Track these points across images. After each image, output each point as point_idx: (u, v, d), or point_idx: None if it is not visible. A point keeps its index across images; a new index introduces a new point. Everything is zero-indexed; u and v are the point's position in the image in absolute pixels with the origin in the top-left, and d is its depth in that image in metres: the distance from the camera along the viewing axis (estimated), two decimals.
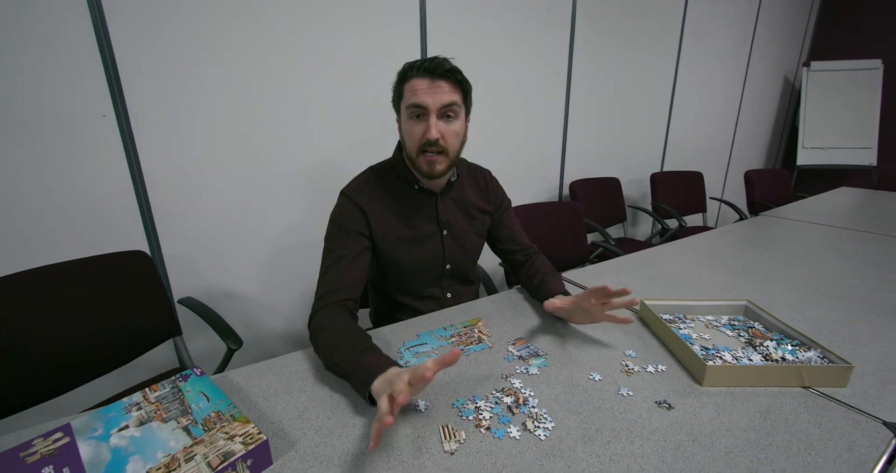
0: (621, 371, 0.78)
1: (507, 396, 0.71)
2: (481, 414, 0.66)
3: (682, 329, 0.91)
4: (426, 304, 1.07)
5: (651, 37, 2.73)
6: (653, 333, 0.92)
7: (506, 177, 1.23)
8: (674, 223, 2.65)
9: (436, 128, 0.86)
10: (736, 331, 0.90)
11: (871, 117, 3.75)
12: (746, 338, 0.87)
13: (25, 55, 1.13)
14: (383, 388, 0.60)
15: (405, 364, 0.81)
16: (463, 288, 1.14)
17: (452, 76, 0.86)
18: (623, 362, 0.81)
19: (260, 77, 1.47)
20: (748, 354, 0.81)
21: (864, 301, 1.08)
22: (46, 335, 0.94)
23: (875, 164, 3.76)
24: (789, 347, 0.82)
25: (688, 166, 3.10)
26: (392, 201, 0.98)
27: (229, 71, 1.42)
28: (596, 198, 2.47)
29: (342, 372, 0.72)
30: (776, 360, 0.78)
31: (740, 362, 0.78)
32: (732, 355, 0.81)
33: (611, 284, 0.77)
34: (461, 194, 1.05)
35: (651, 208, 2.78)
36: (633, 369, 0.78)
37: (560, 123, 2.44)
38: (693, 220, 2.75)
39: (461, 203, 1.06)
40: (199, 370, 0.71)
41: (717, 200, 3.28)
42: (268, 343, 1.72)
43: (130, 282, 1.09)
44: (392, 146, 1.02)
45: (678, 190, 2.86)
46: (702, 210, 3.01)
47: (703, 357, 0.79)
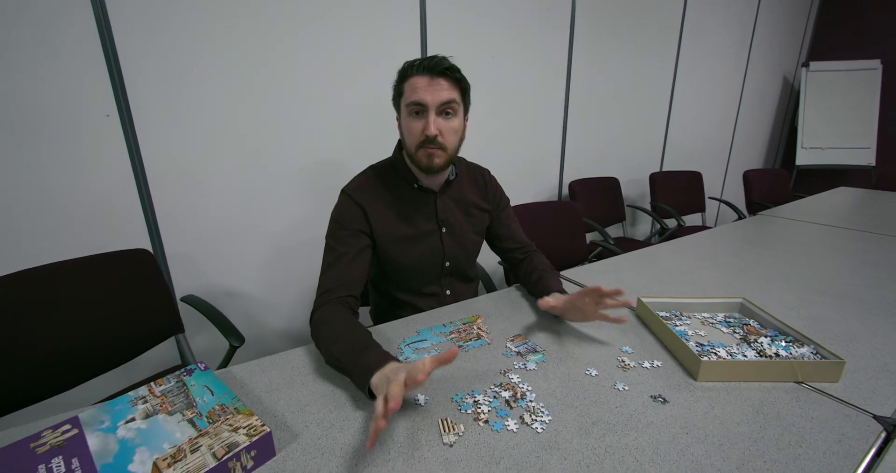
0: (617, 366, 0.80)
1: (505, 391, 0.72)
2: (479, 408, 0.68)
3: (679, 326, 0.93)
4: (426, 302, 1.09)
5: (650, 37, 2.74)
6: (649, 330, 0.93)
7: (505, 177, 1.24)
8: (673, 223, 2.66)
9: (435, 124, 0.87)
10: (731, 328, 0.92)
11: (870, 117, 3.76)
12: (741, 335, 0.88)
13: (31, 56, 1.14)
14: (382, 384, 0.62)
15: (405, 359, 0.82)
16: (462, 285, 1.15)
17: (451, 74, 0.88)
18: (619, 358, 0.82)
19: (261, 77, 1.49)
20: (743, 350, 0.82)
21: (860, 299, 1.09)
22: (51, 332, 0.96)
23: (874, 164, 3.77)
24: (783, 343, 0.83)
25: (687, 166, 3.11)
26: (392, 200, 0.99)
27: (231, 71, 1.43)
28: (595, 198, 2.49)
29: (343, 368, 0.74)
30: (770, 356, 0.80)
31: (735, 358, 0.80)
32: (727, 351, 0.82)
33: (604, 285, 0.79)
34: (460, 193, 1.07)
35: (650, 208, 2.79)
36: (630, 365, 0.80)
37: (559, 123, 2.45)
38: (692, 220, 2.76)
39: (460, 201, 1.07)
40: (203, 365, 0.72)
41: (717, 200, 3.29)
42: (268, 341, 1.73)
43: (134, 280, 1.11)
44: (391, 145, 1.03)
45: (677, 190, 2.87)
46: (701, 210, 3.02)
47: (699, 353, 0.80)
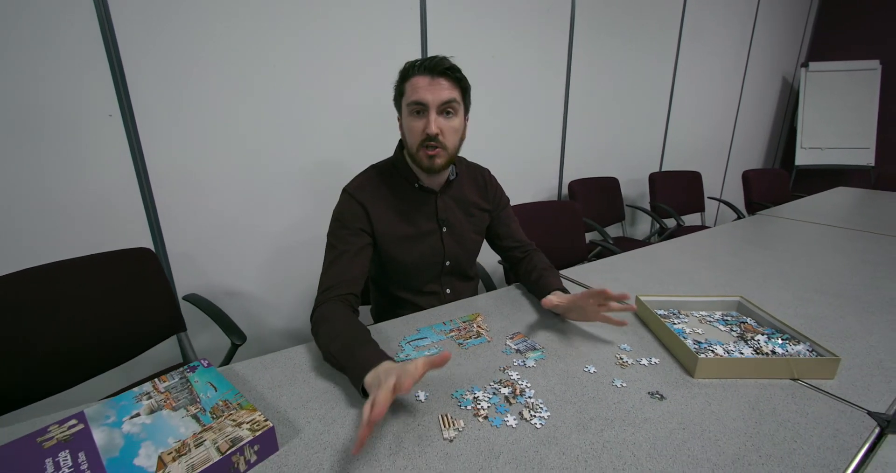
0: (616, 363, 0.80)
1: (505, 387, 0.73)
2: (479, 404, 0.69)
3: (676, 324, 0.93)
4: (426, 300, 1.10)
5: (650, 37, 2.75)
6: (647, 328, 0.94)
7: (505, 177, 1.25)
8: (672, 222, 2.67)
9: (435, 123, 0.88)
10: (728, 326, 0.92)
11: (870, 117, 3.77)
12: (738, 333, 0.89)
13: (35, 57, 1.15)
14: (375, 383, 0.63)
15: (406, 357, 0.83)
16: (462, 284, 1.16)
17: (452, 74, 0.89)
18: (618, 355, 0.83)
19: (262, 77, 1.50)
20: (739, 348, 0.83)
21: (857, 297, 1.10)
22: (54, 330, 0.96)
23: (873, 164, 3.78)
24: (780, 341, 0.84)
25: (686, 166, 3.12)
26: (393, 199, 1.00)
27: (232, 71, 1.44)
28: (595, 198, 2.50)
29: (339, 365, 0.75)
30: (766, 353, 0.80)
31: (731, 355, 0.80)
32: (724, 349, 0.83)
33: (603, 284, 0.80)
34: (460, 192, 1.08)
35: (649, 208, 2.80)
36: (628, 362, 0.81)
37: (559, 123, 2.46)
38: (691, 220, 2.77)
39: (460, 201, 1.08)
40: (206, 361, 0.73)
41: (716, 200, 3.30)
42: (269, 340, 1.74)
43: (136, 279, 1.11)
44: (391, 145, 1.04)
45: (677, 189, 2.88)
46: (700, 209, 3.03)
47: (696, 350, 0.81)
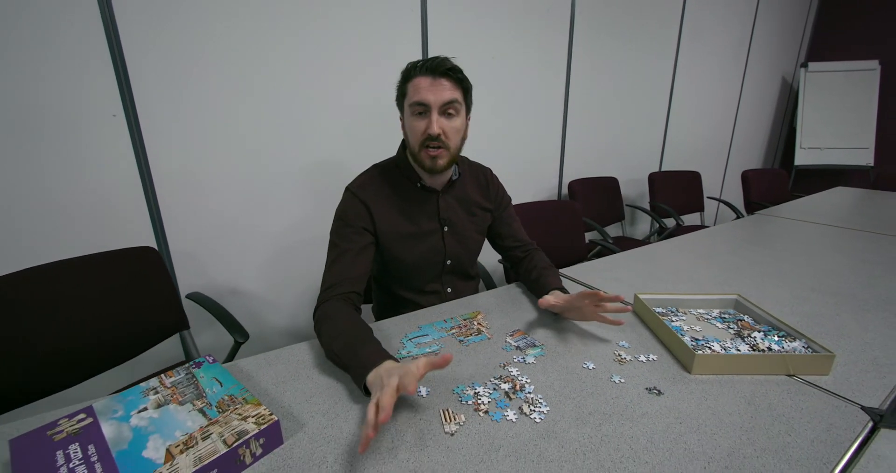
0: (614, 360, 0.82)
1: (505, 383, 0.74)
2: (480, 399, 0.70)
3: (674, 321, 0.95)
4: (427, 299, 1.11)
5: (650, 37, 2.76)
6: (646, 325, 0.95)
7: (505, 176, 1.26)
8: (672, 222, 2.68)
9: (437, 123, 0.89)
10: (726, 324, 0.94)
11: (869, 118, 3.78)
12: (735, 330, 0.91)
13: (39, 57, 1.17)
14: (377, 382, 0.64)
15: (407, 353, 0.84)
16: (463, 283, 1.17)
17: (454, 74, 0.90)
18: (616, 352, 0.84)
19: (264, 77, 1.51)
20: (736, 344, 0.84)
21: (853, 296, 1.11)
22: (58, 328, 0.97)
23: (872, 164, 3.79)
24: (776, 338, 0.85)
25: (686, 166, 3.13)
26: (395, 198, 1.01)
27: (235, 71, 1.45)
28: (594, 198, 2.51)
29: (341, 363, 0.76)
30: (763, 350, 0.82)
31: (728, 352, 0.82)
32: (721, 345, 0.84)
33: (603, 282, 0.81)
34: (463, 192, 1.09)
35: (649, 207, 2.81)
36: (626, 358, 0.82)
37: (559, 123, 2.48)
38: (691, 220, 2.78)
39: (462, 200, 1.09)
40: (212, 357, 0.74)
41: (715, 200, 3.31)
42: (270, 338, 1.75)
43: (140, 277, 1.12)
44: (392, 145, 1.06)
45: (676, 189, 2.89)
46: (699, 209, 3.04)
47: (693, 347, 0.82)
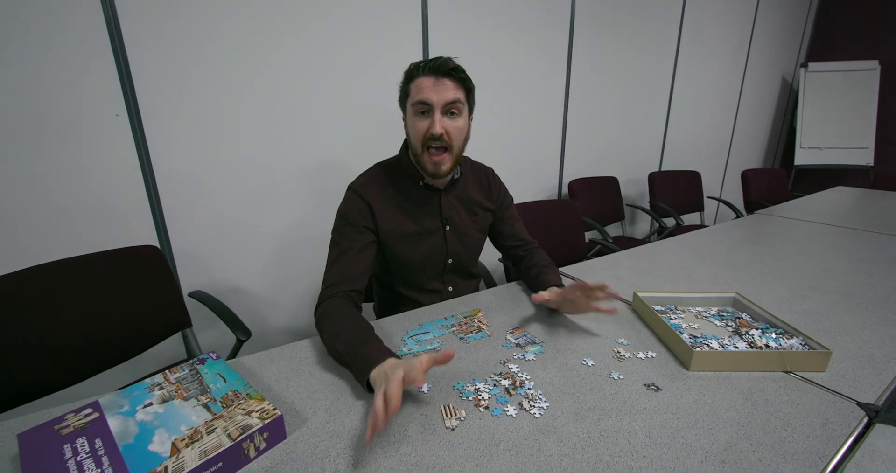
0: (613, 357, 0.82)
1: (505, 379, 0.75)
2: (480, 395, 0.71)
3: (673, 319, 0.95)
4: (429, 297, 1.11)
5: (649, 37, 2.77)
6: (644, 323, 0.96)
7: (506, 176, 1.27)
8: (671, 222, 2.69)
9: (440, 123, 0.90)
10: (724, 321, 0.95)
11: (869, 117, 3.79)
12: (733, 328, 0.91)
13: (42, 57, 1.17)
14: (380, 378, 0.65)
15: (408, 350, 0.85)
16: (464, 282, 1.18)
17: (456, 74, 0.91)
18: (615, 349, 0.85)
19: (266, 78, 1.52)
20: (734, 342, 0.85)
21: (851, 294, 1.12)
22: (62, 326, 0.98)
23: (872, 164, 3.79)
24: (773, 335, 0.86)
25: (686, 166, 3.14)
26: (397, 197, 1.02)
27: (236, 71, 1.46)
28: (595, 197, 2.51)
29: (343, 361, 0.77)
30: (760, 347, 0.83)
31: (726, 349, 0.83)
32: (719, 343, 0.85)
33: (603, 281, 0.85)
34: (464, 191, 1.10)
35: (649, 207, 2.82)
36: (625, 355, 0.83)
37: (559, 123, 2.48)
38: (691, 219, 2.79)
39: (464, 200, 1.10)
40: (215, 354, 0.75)
41: (715, 199, 3.32)
42: (271, 337, 1.76)
43: (143, 276, 1.13)
44: (393, 145, 1.06)
45: (676, 189, 2.89)
46: (699, 209, 3.05)
47: (691, 344, 0.83)
